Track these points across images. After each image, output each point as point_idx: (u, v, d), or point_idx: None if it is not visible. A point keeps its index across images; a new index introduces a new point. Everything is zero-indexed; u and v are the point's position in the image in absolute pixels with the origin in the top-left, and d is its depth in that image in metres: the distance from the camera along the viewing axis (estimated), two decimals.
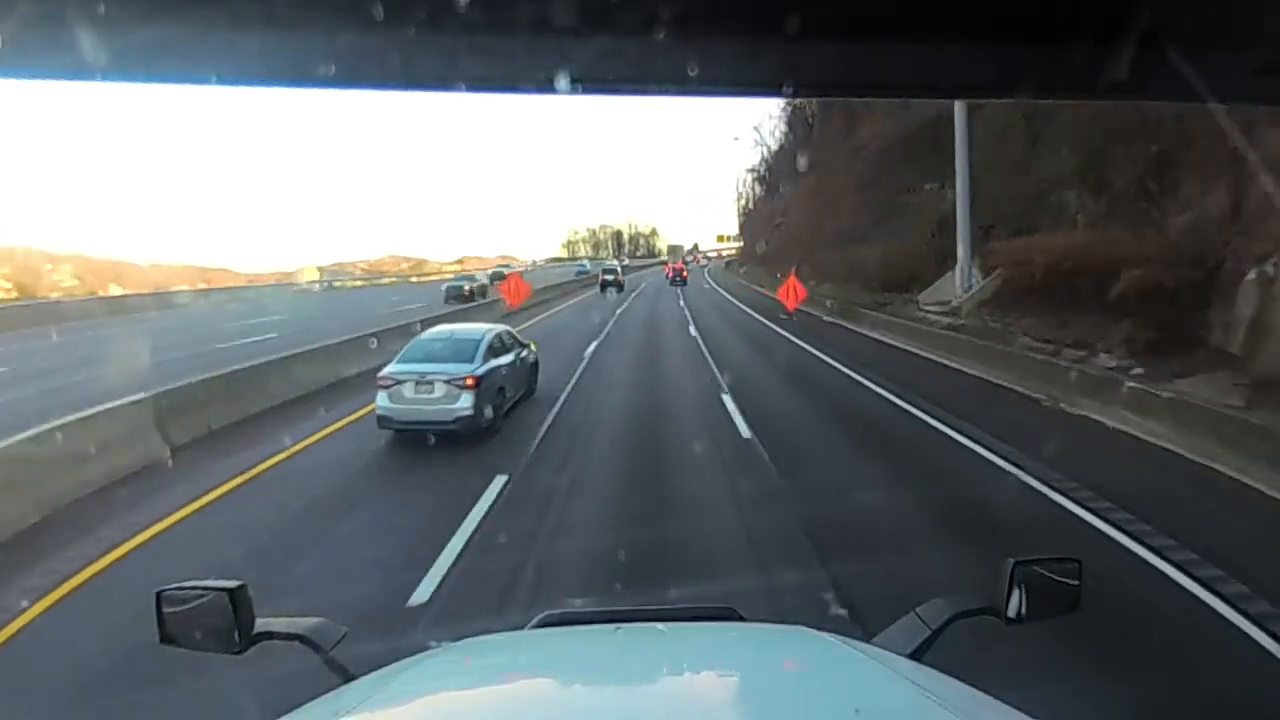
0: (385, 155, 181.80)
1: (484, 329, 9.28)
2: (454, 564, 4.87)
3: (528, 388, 9.96)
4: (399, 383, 7.81)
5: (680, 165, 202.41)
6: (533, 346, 10.36)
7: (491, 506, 5.97)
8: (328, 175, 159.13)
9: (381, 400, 7.84)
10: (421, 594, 4.46)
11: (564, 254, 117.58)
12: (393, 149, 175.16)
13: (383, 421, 7.87)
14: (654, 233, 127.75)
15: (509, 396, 8.88)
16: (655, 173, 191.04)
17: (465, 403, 7.70)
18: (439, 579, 4.65)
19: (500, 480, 6.53)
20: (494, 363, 8.48)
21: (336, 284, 55.27)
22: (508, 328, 10.00)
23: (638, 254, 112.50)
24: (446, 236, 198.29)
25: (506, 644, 1.45)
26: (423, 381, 7.78)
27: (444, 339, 8.83)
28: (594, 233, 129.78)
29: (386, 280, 59.13)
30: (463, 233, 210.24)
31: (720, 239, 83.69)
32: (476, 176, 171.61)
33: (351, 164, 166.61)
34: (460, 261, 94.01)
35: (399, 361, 8.18)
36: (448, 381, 7.75)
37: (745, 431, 8.29)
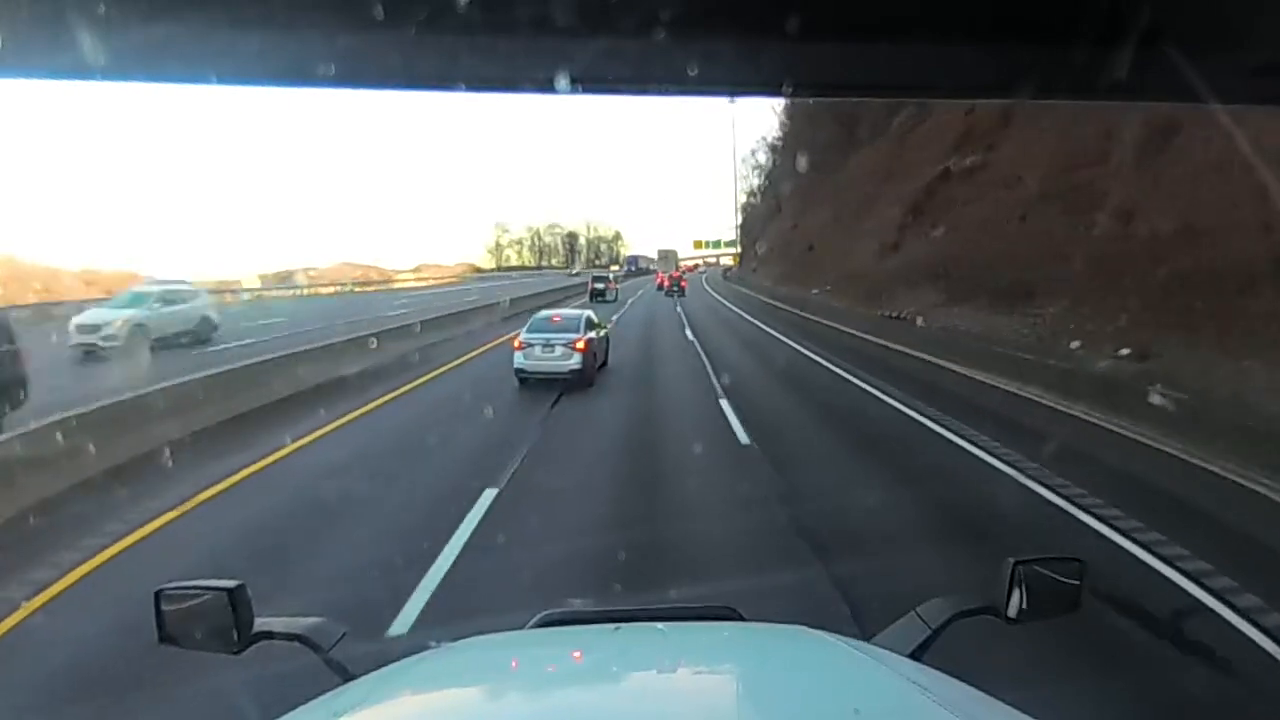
0: (342, 160, 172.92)
1: (582, 312, 12.24)
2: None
3: (604, 357, 12.73)
4: (530, 346, 10.79)
5: (649, 168, 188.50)
6: (606, 327, 13.29)
7: None
8: (280, 179, 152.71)
9: (518, 358, 10.82)
10: None
11: (491, 263, 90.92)
12: (351, 154, 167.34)
13: (519, 373, 10.79)
14: (618, 237, 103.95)
15: (597, 360, 11.84)
16: (620, 175, 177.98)
17: (576, 360, 10.72)
18: None
19: None
20: (591, 334, 11.44)
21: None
22: (591, 313, 12.82)
23: (597, 263, 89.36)
24: (404, 244, 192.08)
25: (506, 643, 1.45)
26: (547, 345, 10.77)
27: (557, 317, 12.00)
28: (537, 234, 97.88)
29: (292, 291, 46.49)
30: (421, 240, 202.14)
31: (698, 245, 73.73)
32: (436, 182, 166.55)
33: (305, 168, 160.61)
34: (417, 269, 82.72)
35: (527, 331, 11.08)
36: (565, 345, 10.74)
37: None
